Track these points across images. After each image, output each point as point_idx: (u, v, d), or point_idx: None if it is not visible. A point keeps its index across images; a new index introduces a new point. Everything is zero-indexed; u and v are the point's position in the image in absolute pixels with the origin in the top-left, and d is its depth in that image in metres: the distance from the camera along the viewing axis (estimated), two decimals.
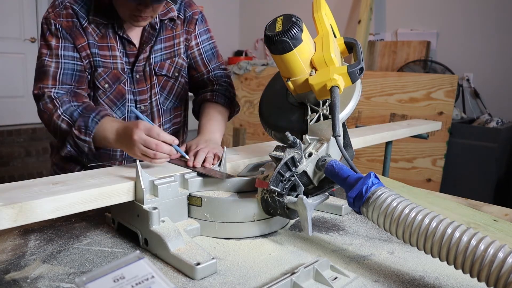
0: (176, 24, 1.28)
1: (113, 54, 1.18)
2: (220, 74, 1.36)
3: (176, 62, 1.28)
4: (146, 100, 1.25)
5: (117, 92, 1.20)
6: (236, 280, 0.65)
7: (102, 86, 1.17)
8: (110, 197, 0.74)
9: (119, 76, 1.19)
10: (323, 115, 0.82)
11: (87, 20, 1.15)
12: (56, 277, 0.66)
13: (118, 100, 1.21)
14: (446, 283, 0.66)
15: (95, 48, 1.16)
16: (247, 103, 4.13)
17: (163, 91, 1.28)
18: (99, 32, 1.17)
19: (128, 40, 1.20)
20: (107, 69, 1.17)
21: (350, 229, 0.88)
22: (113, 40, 1.18)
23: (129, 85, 1.21)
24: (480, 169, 2.83)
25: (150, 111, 1.27)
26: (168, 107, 1.31)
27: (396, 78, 3.17)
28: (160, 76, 1.26)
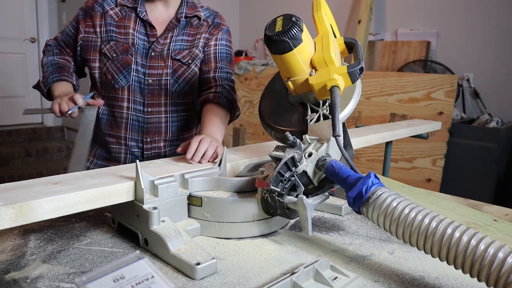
0: (202, 25, 1.42)
1: (127, 31, 1.34)
2: (225, 76, 1.42)
3: (193, 52, 1.39)
4: (155, 75, 1.35)
5: (124, 62, 1.33)
6: (236, 280, 0.65)
7: (110, 55, 1.33)
8: (110, 197, 0.74)
9: (128, 48, 1.33)
10: (323, 115, 0.82)
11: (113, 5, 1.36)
12: (56, 277, 0.66)
13: (124, 68, 1.33)
14: (446, 283, 0.66)
15: (112, 26, 1.35)
16: (247, 103, 4.13)
17: (174, 74, 1.37)
18: (120, 14, 1.36)
19: (149, 23, 1.35)
20: (118, 42, 1.34)
21: (350, 229, 0.88)
22: (132, 22, 1.35)
23: (137, 57, 1.33)
24: (480, 169, 2.82)
25: (157, 87, 1.36)
26: (177, 90, 1.38)
27: (396, 78, 3.17)
28: (174, 60, 1.36)
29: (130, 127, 1.37)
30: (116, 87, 1.34)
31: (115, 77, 1.33)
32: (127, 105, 1.36)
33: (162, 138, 1.40)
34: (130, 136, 1.38)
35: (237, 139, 4.14)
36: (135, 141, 1.39)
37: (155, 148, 1.40)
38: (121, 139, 1.38)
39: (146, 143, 1.39)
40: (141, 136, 1.38)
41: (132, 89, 1.34)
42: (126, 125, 1.37)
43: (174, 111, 1.40)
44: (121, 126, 1.37)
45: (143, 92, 1.35)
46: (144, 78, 1.34)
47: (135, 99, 1.35)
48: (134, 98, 1.35)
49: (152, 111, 1.36)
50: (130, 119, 1.37)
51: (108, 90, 1.36)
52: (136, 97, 1.35)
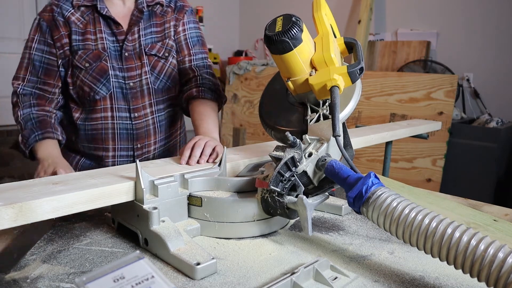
0: (167, 12, 1.34)
1: (94, 37, 1.24)
2: (202, 64, 1.38)
3: (166, 43, 1.33)
4: (135, 77, 1.27)
5: (99, 69, 1.23)
6: (236, 280, 0.65)
7: (83, 66, 1.23)
8: (110, 197, 0.74)
9: (100, 54, 1.24)
10: (323, 115, 0.82)
11: (72, 9, 1.25)
12: (56, 277, 0.66)
13: (101, 76, 1.24)
14: (446, 283, 0.66)
15: (77, 35, 1.24)
16: (247, 103, 4.13)
17: (153, 71, 1.30)
18: (83, 20, 1.25)
19: (113, 20, 1.26)
20: (86, 50, 1.23)
21: (350, 229, 0.88)
22: (97, 23, 1.25)
23: (112, 61, 1.25)
24: (480, 169, 2.82)
25: (139, 89, 1.28)
26: (160, 87, 1.32)
27: (396, 78, 3.17)
28: (150, 55, 1.29)
29: (118, 137, 1.29)
30: (97, 98, 1.24)
31: (94, 88, 1.23)
32: (112, 115, 1.27)
33: (152, 141, 1.34)
34: (119, 146, 1.30)
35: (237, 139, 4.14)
36: (125, 150, 1.31)
37: (146, 153, 1.34)
38: (108, 151, 1.30)
39: (137, 150, 1.32)
40: (132, 144, 1.31)
41: (115, 96, 1.26)
42: (114, 135, 1.28)
43: (161, 110, 1.34)
44: (107, 139, 1.28)
45: (127, 97, 1.27)
46: (125, 82, 1.26)
47: (119, 107, 1.26)
48: (117, 106, 1.26)
49: (139, 116, 1.29)
50: (117, 128, 1.28)
51: (88, 104, 1.26)
52: (120, 104, 1.26)
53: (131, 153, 1.32)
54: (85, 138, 1.29)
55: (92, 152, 1.30)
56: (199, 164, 0.96)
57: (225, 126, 4.33)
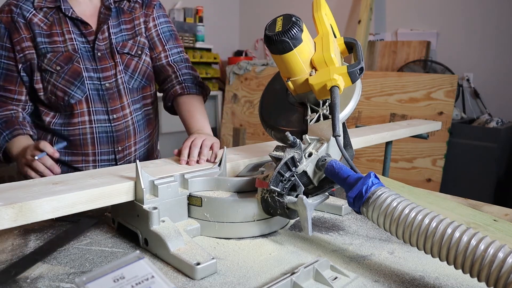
0: (134, 8, 1.30)
1: (62, 38, 1.18)
2: (179, 58, 1.35)
3: (138, 41, 1.29)
4: (110, 77, 1.22)
5: (72, 72, 1.17)
6: (236, 280, 0.65)
7: (54, 69, 1.16)
8: (110, 197, 0.74)
9: (71, 56, 1.17)
10: (323, 115, 0.82)
11: (33, 10, 1.17)
12: (56, 277, 0.66)
13: (75, 79, 1.18)
14: (446, 283, 0.66)
15: (42, 37, 1.17)
16: (247, 103, 4.13)
17: (127, 70, 1.26)
18: (47, 21, 1.18)
19: (80, 21, 1.20)
20: (56, 53, 1.17)
21: (350, 229, 0.88)
22: (63, 24, 1.19)
23: (86, 63, 1.19)
24: (480, 169, 2.82)
25: (116, 89, 1.23)
26: (135, 86, 1.28)
27: (396, 78, 3.18)
28: (122, 54, 1.25)
29: (98, 141, 1.24)
30: (72, 102, 1.18)
31: (68, 92, 1.17)
32: (89, 119, 1.21)
33: (132, 142, 1.30)
34: (99, 151, 1.25)
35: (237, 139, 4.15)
36: (106, 154, 1.26)
37: (127, 155, 1.30)
38: (88, 156, 1.24)
39: (118, 153, 1.27)
40: (113, 147, 1.26)
41: (91, 99, 1.20)
42: (93, 140, 1.23)
43: (138, 109, 1.30)
44: (86, 144, 1.23)
45: (104, 99, 1.22)
46: (101, 84, 1.21)
47: (97, 110, 1.21)
48: (95, 109, 1.21)
49: (118, 117, 1.24)
50: (96, 132, 1.22)
51: (63, 110, 1.20)
52: (97, 107, 1.21)
53: (112, 157, 1.27)
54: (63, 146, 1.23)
55: (69, 158, 1.24)
56: (199, 164, 0.95)
57: (225, 126, 4.33)
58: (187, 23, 4.54)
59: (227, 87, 4.31)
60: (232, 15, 5.17)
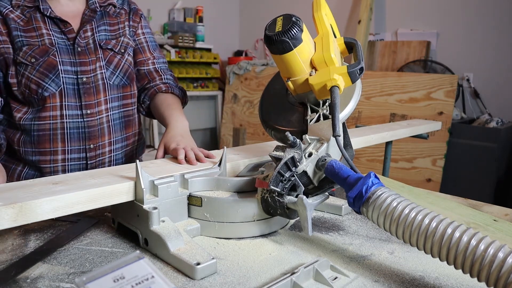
0: (120, 13, 1.33)
1: (39, 33, 1.17)
2: (165, 67, 1.41)
3: (122, 41, 1.30)
4: (89, 72, 1.21)
5: (47, 65, 1.16)
6: (236, 280, 0.66)
7: (29, 62, 1.14)
8: (110, 197, 0.74)
9: (47, 49, 1.16)
10: (323, 115, 0.82)
11: (10, 7, 1.17)
12: (56, 277, 0.66)
13: (49, 72, 1.16)
14: (446, 283, 0.66)
15: (18, 31, 1.16)
16: (247, 103, 4.13)
17: (109, 65, 1.25)
18: (24, 17, 1.17)
19: (60, 19, 1.19)
20: (32, 46, 1.15)
21: (350, 229, 0.88)
22: (41, 22, 1.18)
23: (63, 56, 1.18)
24: (480, 169, 2.83)
25: (94, 84, 1.22)
26: (115, 83, 1.27)
27: (396, 78, 3.18)
28: (105, 50, 1.25)
29: (68, 137, 1.20)
30: (46, 95, 1.15)
31: (42, 84, 1.15)
32: (61, 113, 1.18)
33: (106, 141, 1.26)
34: (69, 148, 1.20)
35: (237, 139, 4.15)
36: (77, 151, 1.21)
37: (100, 155, 1.25)
38: (57, 155, 1.19)
39: (89, 151, 1.23)
40: (84, 144, 1.22)
41: (65, 93, 1.17)
42: (63, 136, 1.19)
43: (116, 107, 1.28)
44: (56, 139, 1.19)
45: (78, 93, 1.19)
46: (77, 77, 1.19)
47: (69, 104, 1.18)
48: (67, 103, 1.18)
49: (92, 113, 1.21)
50: (66, 128, 1.19)
51: (35, 104, 1.17)
52: (70, 102, 1.18)
53: (83, 155, 1.23)
54: (30, 141, 1.19)
55: (37, 158, 1.20)
56: (201, 162, 0.96)
57: (225, 126, 4.33)
58: (187, 23, 4.54)
59: (227, 87, 4.31)
60: (232, 15, 5.17)
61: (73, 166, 1.22)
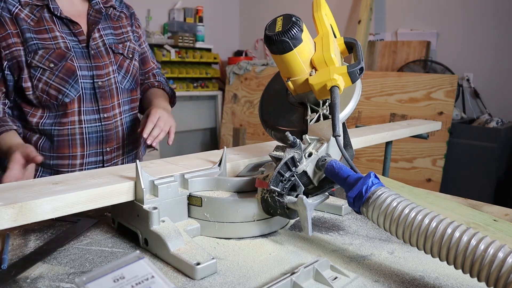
0: (121, 17, 1.33)
1: (53, 35, 1.14)
2: (159, 72, 1.50)
3: (128, 46, 1.31)
4: (103, 76, 1.21)
5: (66, 70, 1.14)
6: (236, 280, 0.66)
7: (47, 66, 1.12)
8: (110, 197, 0.74)
9: (64, 54, 1.14)
10: (323, 115, 0.82)
11: (19, 5, 1.13)
12: (56, 277, 0.66)
13: (69, 77, 1.15)
14: (446, 283, 0.66)
15: (31, 33, 1.12)
16: (247, 103, 4.13)
17: (120, 70, 1.27)
18: (34, 16, 1.14)
19: (69, 20, 1.18)
20: (48, 49, 1.13)
21: (350, 229, 0.88)
22: (51, 22, 1.15)
23: (80, 61, 1.17)
24: (480, 169, 2.83)
25: (108, 88, 1.23)
26: (126, 87, 1.30)
27: (396, 78, 3.18)
28: (116, 54, 1.26)
29: (87, 142, 1.20)
30: (67, 101, 1.14)
31: (63, 90, 1.13)
32: (79, 118, 1.18)
33: (120, 144, 1.28)
34: (87, 152, 1.21)
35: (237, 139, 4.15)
36: (94, 155, 1.23)
37: (115, 158, 1.28)
38: (76, 159, 1.20)
39: (106, 154, 1.24)
40: (101, 148, 1.23)
41: (83, 98, 1.18)
42: (82, 141, 1.20)
43: (127, 111, 1.31)
44: (75, 145, 1.19)
45: (95, 97, 1.20)
46: (93, 82, 1.19)
47: (87, 109, 1.19)
48: (85, 108, 1.18)
49: (108, 117, 1.23)
50: (85, 133, 1.19)
51: (53, 108, 1.16)
52: (88, 107, 1.19)
53: (100, 158, 1.24)
54: (50, 146, 1.18)
55: (55, 162, 1.19)
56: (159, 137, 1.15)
57: (225, 126, 4.33)
58: (187, 23, 4.54)
59: (227, 87, 4.31)
60: (232, 15, 5.17)
61: (89, 169, 1.21)
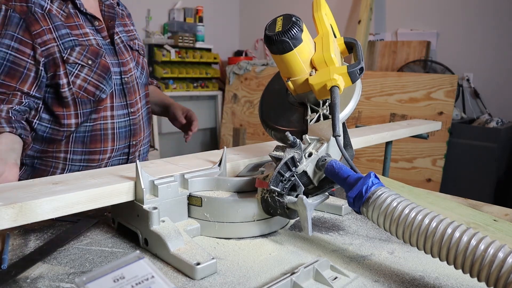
0: (123, 15, 1.36)
1: (83, 31, 1.15)
2: None
3: (137, 43, 1.34)
4: (127, 72, 1.24)
5: (103, 66, 1.16)
6: (236, 280, 0.66)
7: (86, 63, 1.12)
8: (110, 197, 0.74)
9: (97, 51, 1.15)
10: (323, 115, 0.82)
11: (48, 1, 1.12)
12: (56, 277, 0.66)
13: (105, 73, 1.16)
14: (446, 283, 0.66)
15: (66, 29, 1.11)
16: (247, 103, 4.13)
17: (138, 66, 1.31)
18: (63, 12, 1.13)
19: (93, 16, 1.20)
20: (84, 46, 1.13)
21: (350, 229, 0.88)
22: (79, 18, 1.16)
23: (110, 58, 1.19)
24: (480, 169, 2.83)
25: (132, 83, 1.26)
26: (143, 82, 1.34)
27: (396, 78, 3.18)
28: (134, 50, 1.30)
29: (117, 136, 1.23)
30: (103, 97, 1.17)
31: (100, 86, 1.15)
32: (111, 114, 1.21)
33: (142, 137, 1.32)
34: (117, 146, 1.23)
35: (237, 139, 4.15)
36: (122, 149, 1.25)
37: (137, 151, 1.31)
38: (106, 154, 1.22)
39: (131, 147, 1.28)
40: (128, 141, 1.26)
41: (116, 94, 1.21)
42: (113, 135, 1.22)
43: (144, 105, 1.35)
44: (107, 139, 1.21)
45: (123, 93, 1.23)
46: (121, 77, 1.22)
47: (118, 105, 1.22)
48: (116, 103, 1.21)
49: (134, 111, 1.26)
50: (116, 127, 1.22)
51: (89, 105, 1.16)
52: (118, 102, 1.22)
53: (126, 151, 1.27)
54: (82, 141, 1.18)
55: (86, 157, 1.20)
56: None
57: (225, 126, 4.33)
58: (187, 23, 4.54)
59: (227, 87, 4.31)
60: (232, 15, 5.17)
61: (115, 161, 1.25)
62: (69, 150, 1.18)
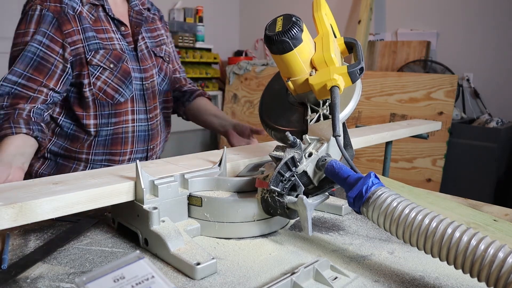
0: (154, 19, 1.37)
1: (109, 36, 1.19)
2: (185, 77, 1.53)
3: (164, 49, 1.36)
4: (148, 78, 1.27)
5: (123, 71, 1.20)
6: (236, 280, 0.66)
7: (108, 67, 1.16)
8: (110, 197, 0.74)
9: (120, 55, 1.19)
10: (323, 115, 0.82)
11: (81, 3, 1.17)
12: (56, 277, 0.66)
13: (125, 78, 1.20)
14: (446, 283, 0.66)
15: (92, 32, 1.15)
16: (247, 103, 4.13)
17: (160, 72, 1.33)
18: (92, 16, 1.17)
19: (120, 21, 1.23)
20: (108, 50, 1.17)
21: (350, 229, 0.88)
22: (106, 23, 1.20)
23: (132, 63, 1.22)
24: (480, 169, 2.83)
25: (152, 89, 1.29)
26: (163, 89, 1.35)
27: (396, 78, 3.18)
28: (158, 57, 1.32)
29: (136, 140, 1.27)
30: (122, 101, 1.20)
31: (120, 90, 1.19)
32: (132, 117, 1.24)
33: (159, 140, 1.36)
34: (136, 149, 1.28)
35: None
36: (141, 152, 1.30)
37: (154, 154, 1.35)
38: (125, 155, 1.26)
39: (149, 151, 1.32)
40: (147, 145, 1.31)
41: (136, 98, 1.24)
42: (133, 139, 1.26)
43: (162, 110, 1.37)
44: (127, 142, 1.25)
45: (144, 98, 1.26)
46: (142, 83, 1.25)
47: (139, 109, 1.26)
48: (138, 108, 1.25)
49: (153, 116, 1.30)
50: (136, 131, 1.26)
51: (108, 108, 1.20)
52: (139, 107, 1.26)
53: (144, 155, 1.31)
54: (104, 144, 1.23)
55: (107, 157, 1.25)
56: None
57: None
58: (187, 23, 4.54)
59: (227, 87, 4.31)
60: (232, 15, 5.17)
61: None
62: (91, 152, 1.24)
